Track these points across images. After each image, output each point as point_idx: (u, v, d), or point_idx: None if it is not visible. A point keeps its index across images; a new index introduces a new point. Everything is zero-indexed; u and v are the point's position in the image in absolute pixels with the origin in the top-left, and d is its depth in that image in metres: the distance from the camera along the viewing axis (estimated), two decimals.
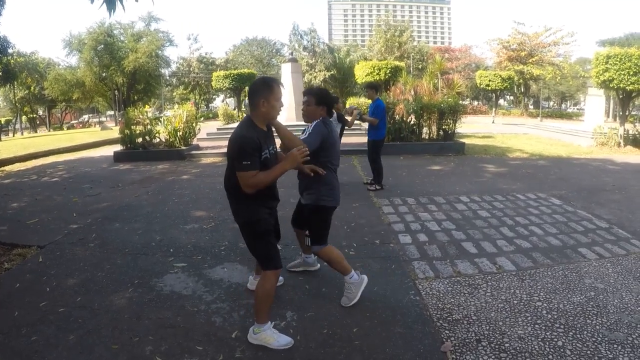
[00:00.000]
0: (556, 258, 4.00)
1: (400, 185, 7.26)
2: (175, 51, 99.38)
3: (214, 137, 14.78)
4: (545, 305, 3.09)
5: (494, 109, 31.94)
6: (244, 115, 2.68)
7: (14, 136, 28.23)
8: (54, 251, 4.33)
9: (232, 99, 36.06)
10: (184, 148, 11.33)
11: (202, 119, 29.84)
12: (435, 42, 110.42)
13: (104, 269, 3.84)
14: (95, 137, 18.21)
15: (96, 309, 3.12)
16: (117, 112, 30.24)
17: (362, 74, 21.31)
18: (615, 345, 2.57)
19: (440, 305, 3.11)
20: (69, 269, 3.87)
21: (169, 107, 47.00)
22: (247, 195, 2.50)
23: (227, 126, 17.96)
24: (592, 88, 16.76)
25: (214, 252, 4.23)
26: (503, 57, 38.54)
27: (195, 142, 12.60)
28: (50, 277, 3.68)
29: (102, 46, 28.98)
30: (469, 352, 2.54)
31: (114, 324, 2.90)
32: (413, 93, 13.58)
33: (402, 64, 22.77)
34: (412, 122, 11.54)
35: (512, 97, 48.71)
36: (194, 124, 12.12)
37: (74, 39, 29.67)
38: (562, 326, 2.80)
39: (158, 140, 11.78)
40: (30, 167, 10.80)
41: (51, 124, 40.13)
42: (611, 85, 12.40)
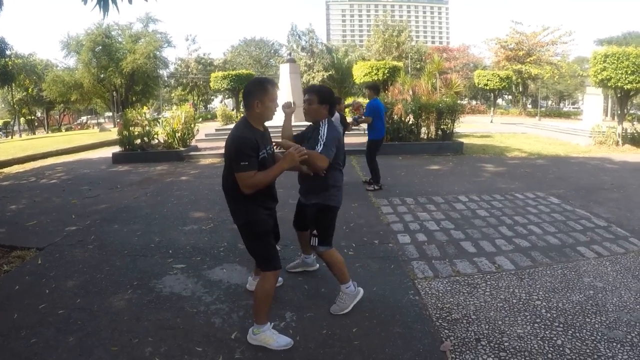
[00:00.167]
0: (555, 257, 4.01)
1: (399, 185, 7.26)
2: (174, 52, 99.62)
3: (212, 138, 14.75)
4: (545, 304, 3.10)
5: (492, 108, 31.99)
6: (241, 116, 2.68)
7: (12, 138, 28.17)
8: (53, 253, 4.32)
9: (230, 99, 36.02)
10: (183, 149, 11.32)
11: (201, 120, 30.01)
12: (434, 42, 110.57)
13: (103, 270, 3.84)
14: (93, 139, 18.18)
15: (95, 310, 3.11)
16: (115, 113, 30.18)
17: (360, 74, 21.34)
18: (615, 344, 2.58)
19: (439, 305, 3.11)
20: (68, 270, 3.86)
21: (167, 108, 47.04)
22: (245, 196, 2.50)
23: (226, 127, 17.93)
24: (590, 87, 16.75)
25: (213, 253, 4.23)
26: (501, 57, 38.62)
27: (193, 143, 12.60)
28: (49, 279, 3.68)
29: (100, 47, 28.91)
30: (468, 352, 2.55)
31: (113, 325, 2.90)
32: (411, 93, 13.57)
33: (400, 64, 22.83)
34: (410, 122, 11.55)
35: (510, 97, 48.70)
36: (192, 125, 12.11)
37: (71, 41, 29.60)
38: (562, 325, 2.81)
39: (156, 141, 11.77)
40: (29, 169, 10.79)
41: (49, 126, 40.04)
42: (609, 84, 12.41)
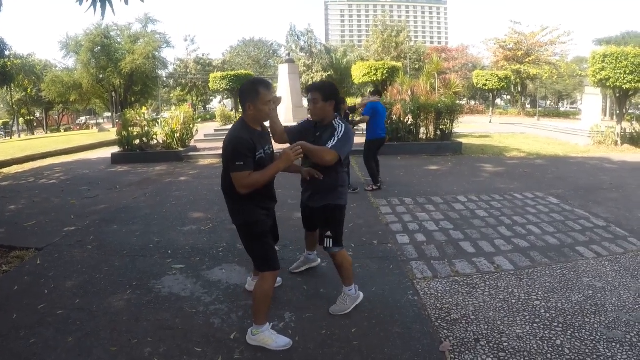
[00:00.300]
0: (554, 257, 4.01)
1: (398, 185, 7.27)
2: (172, 52, 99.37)
3: (211, 139, 14.75)
4: (544, 304, 3.10)
5: (491, 108, 32.02)
6: (239, 117, 2.68)
7: (11, 138, 28.13)
8: (52, 253, 4.31)
9: (229, 100, 36.03)
10: (182, 149, 11.31)
11: (200, 120, 29.96)
12: (432, 42, 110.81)
13: (102, 271, 3.84)
14: (92, 139, 18.16)
15: (95, 311, 3.11)
16: (114, 114, 30.17)
17: (359, 74, 21.36)
18: (614, 344, 2.58)
19: (438, 305, 3.11)
20: (67, 271, 3.86)
21: (166, 108, 47.01)
22: (243, 196, 2.50)
23: (225, 127, 17.93)
24: (589, 87, 16.78)
25: (212, 253, 4.23)
26: (500, 57, 38.70)
27: (192, 143, 12.58)
28: (48, 280, 3.67)
29: (99, 48, 28.90)
30: (467, 352, 2.55)
31: (112, 325, 2.90)
32: (410, 93, 13.59)
33: (399, 64, 22.90)
34: (409, 122, 11.54)
35: (509, 97, 48.81)
36: (191, 126, 12.10)
37: (70, 41, 29.60)
38: (561, 325, 2.81)
39: (155, 142, 11.75)
40: (28, 169, 10.77)
41: (48, 126, 40.00)
42: (608, 84, 12.43)
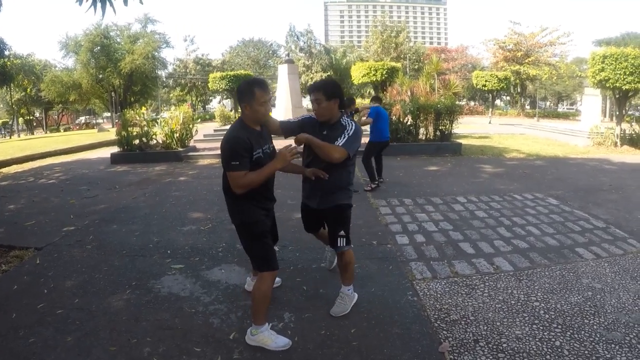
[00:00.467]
0: (553, 258, 4.01)
1: (397, 185, 7.27)
2: (172, 53, 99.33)
3: (210, 139, 14.73)
4: (543, 305, 3.10)
5: (490, 109, 32.06)
6: (238, 116, 2.68)
7: (10, 138, 28.12)
8: (52, 253, 4.31)
9: (228, 100, 36.02)
10: (181, 149, 11.31)
11: (199, 120, 29.96)
12: (432, 43, 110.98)
13: (101, 270, 3.84)
14: (92, 139, 18.16)
15: (94, 310, 3.11)
16: (113, 113, 30.16)
17: (358, 74, 21.33)
18: (613, 345, 2.58)
19: (437, 306, 3.11)
20: (66, 270, 3.86)
21: (165, 108, 46.99)
22: (243, 196, 2.49)
23: (224, 127, 17.91)
24: (588, 88, 16.81)
25: (211, 253, 4.22)
26: (499, 58, 38.74)
27: (192, 143, 12.58)
28: (47, 279, 3.67)
29: (99, 48, 28.91)
30: (466, 353, 2.55)
31: (111, 325, 2.90)
32: (410, 94, 13.57)
33: (399, 64, 22.87)
34: (408, 123, 11.55)
35: (508, 98, 48.84)
36: (190, 126, 12.09)
37: (70, 41, 29.60)
38: (560, 326, 2.81)
39: (155, 142, 11.75)
40: (27, 169, 10.77)
41: (48, 126, 39.99)
42: (607, 85, 12.45)
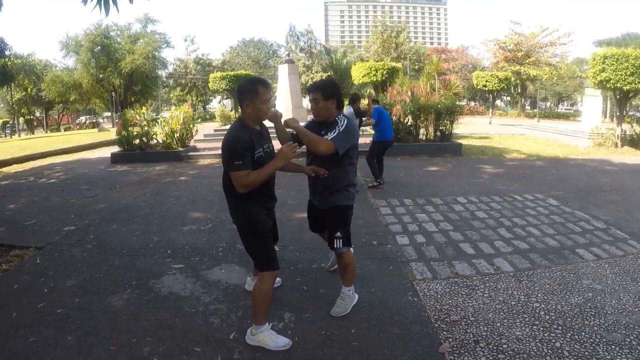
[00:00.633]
0: (554, 259, 4.01)
1: (397, 186, 7.26)
2: (172, 53, 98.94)
3: (211, 139, 14.75)
4: (543, 306, 3.10)
5: (490, 109, 32.04)
6: (238, 116, 2.69)
7: (11, 138, 28.12)
8: (52, 252, 4.31)
9: (229, 100, 36.05)
10: (181, 149, 11.31)
11: (199, 120, 29.96)
12: (432, 43, 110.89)
13: (102, 270, 3.84)
14: (92, 139, 18.16)
15: (94, 310, 3.11)
16: (114, 113, 30.17)
17: (359, 75, 21.33)
18: (613, 347, 2.58)
19: (438, 307, 3.11)
20: (67, 270, 3.86)
21: (166, 108, 47.00)
22: (245, 195, 2.49)
23: (224, 127, 17.92)
24: (589, 88, 16.81)
25: (211, 253, 4.23)
26: (500, 58, 38.73)
27: (192, 143, 12.59)
28: (48, 279, 3.67)
29: (99, 48, 28.89)
30: (466, 354, 2.55)
31: (112, 325, 2.90)
32: (410, 94, 13.55)
33: (399, 64, 22.87)
34: (409, 123, 11.55)
35: (509, 98, 48.84)
36: (191, 126, 12.10)
37: (70, 41, 29.58)
38: (560, 327, 2.81)
39: (155, 141, 11.75)
40: (28, 168, 10.77)
41: (48, 126, 40.01)
42: (608, 86, 12.44)
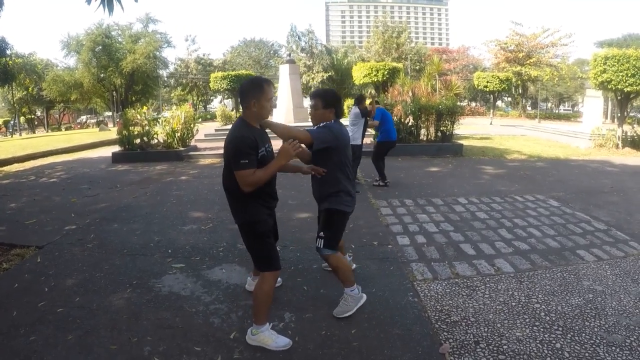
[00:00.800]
0: (554, 260, 4.01)
1: (398, 186, 7.26)
2: (173, 52, 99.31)
3: (212, 138, 14.75)
4: (544, 307, 3.10)
5: (491, 110, 32.01)
6: (238, 116, 2.69)
7: (12, 137, 28.15)
8: (53, 251, 4.32)
9: (229, 100, 36.07)
10: (182, 149, 11.32)
11: (200, 120, 29.98)
12: (433, 44, 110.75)
13: (102, 269, 3.84)
14: (93, 138, 18.17)
15: (95, 309, 3.11)
16: (115, 113, 30.20)
17: (359, 75, 21.32)
18: (614, 348, 2.58)
19: (438, 307, 3.11)
20: (67, 269, 3.86)
21: (167, 108, 46.99)
22: (247, 195, 2.50)
23: (225, 127, 17.93)
24: (590, 89, 16.79)
25: (212, 253, 4.23)
26: (501, 59, 38.73)
27: (193, 143, 12.60)
28: (48, 278, 3.67)
29: (100, 47, 28.90)
30: (467, 354, 2.54)
31: (112, 324, 2.90)
32: (411, 94, 13.56)
33: (400, 65, 22.82)
34: (410, 124, 11.56)
35: (510, 99, 48.82)
36: (192, 125, 12.11)
37: (72, 40, 29.60)
38: (561, 328, 2.81)
39: (156, 141, 11.76)
40: (29, 167, 10.77)
41: (49, 125, 40.03)
42: (609, 87, 12.43)
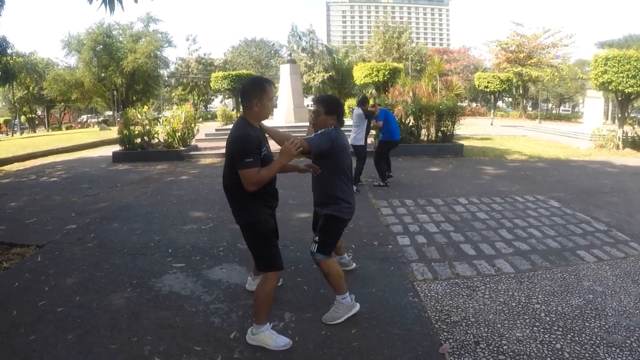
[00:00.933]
0: (555, 260, 4.01)
1: (398, 186, 7.26)
2: (174, 52, 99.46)
3: (212, 138, 14.75)
4: (544, 307, 3.10)
5: (492, 110, 31.99)
6: (239, 116, 2.70)
7: (12, 136, 28.16)
8: (53, 251, 4.32)
9: (230, 100, 36.06)
10: (183, 149, 11.33)
11: (201, 119, 29.97)
12: (434, 44, 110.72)
13: (102, 268, 3.84)
14: (93, 137, 18.18)
15: (95, 308, 3.11)
16: (115, 112, 30.23)
17: (360, 75, 21.31)
18: (614, 348, 2.58)
19: (438, 307, 3.11)
20: (67, 268, 3.86)
21: (167, 107, 47.02)
22: (248, 195, 2.50)
23: (226, 127, 17.92)
24: (590, 90, 16.78)
25: (212, 252, 4.23)
26: (501, 59, 38.73)
27: (193, 142, 12.61)
28: (48, 277, 3.68)
29: (101, 47, 28.97)
30: (467, 355, 2.54)
31: (112, 323, 2.90)
32: (412, 94, 13.58)
33: (401, 65, 22.80)
34: (410, 124, 11.55)
35: (510, 99, 48.78)
36: (192, 125, 12.12)
37: (72, 40, 29.68)
38: (561, 329, 2.81)
39: (157, 140, 11.78)
40: (29, 166, 10.79)
41: (50, 124, 40.07)
42: (610, 88, 12.44)
